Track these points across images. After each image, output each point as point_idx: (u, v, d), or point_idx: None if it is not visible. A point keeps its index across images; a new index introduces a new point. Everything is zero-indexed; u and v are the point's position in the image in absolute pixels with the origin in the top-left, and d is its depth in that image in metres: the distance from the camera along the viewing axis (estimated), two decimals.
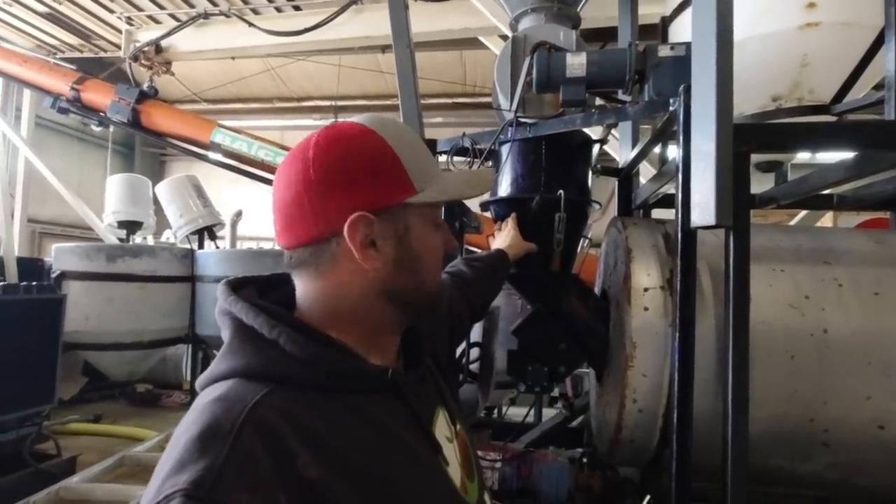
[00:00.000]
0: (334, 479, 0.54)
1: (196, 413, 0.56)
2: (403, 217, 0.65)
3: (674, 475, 1.31)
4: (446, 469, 0.67)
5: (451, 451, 0.70)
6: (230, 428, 0.52)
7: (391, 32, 2.12)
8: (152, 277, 3.53)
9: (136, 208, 4.34)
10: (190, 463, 0.50)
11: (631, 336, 1.43)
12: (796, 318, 1.39)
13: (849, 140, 1.40)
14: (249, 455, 0.51)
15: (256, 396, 0.56)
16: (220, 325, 0.65)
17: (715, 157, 1.24)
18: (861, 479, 1.39)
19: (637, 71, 1.54)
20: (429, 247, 0.67)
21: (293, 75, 8.64)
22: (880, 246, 1.54)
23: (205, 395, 0.59)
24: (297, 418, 0.56)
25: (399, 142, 0.66)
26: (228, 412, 0.54)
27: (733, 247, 1.32)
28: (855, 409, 1.34)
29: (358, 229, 0.63)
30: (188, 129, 3.55)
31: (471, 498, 0.70)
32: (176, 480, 0.49)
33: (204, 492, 0.48)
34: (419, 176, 0.65)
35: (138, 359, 3.66)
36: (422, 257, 0.66)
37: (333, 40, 3.94)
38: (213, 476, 0.49)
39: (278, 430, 0.54)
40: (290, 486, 0.52)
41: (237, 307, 0.63)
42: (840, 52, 1.56)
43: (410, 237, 0.65)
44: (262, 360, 0.60)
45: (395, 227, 0.64)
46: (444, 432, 0.72)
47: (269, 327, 0.61)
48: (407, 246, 0.65)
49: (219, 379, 0.61)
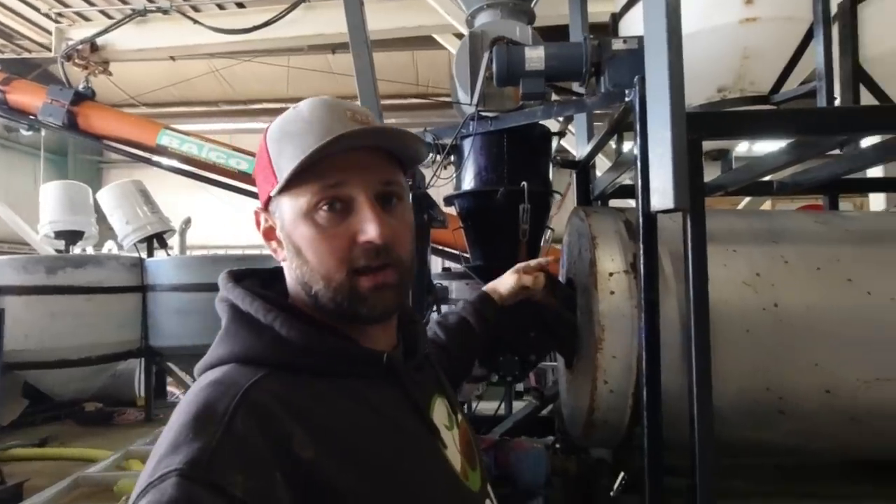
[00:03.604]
0: (330, 459, 0.54)
1: (191, 397, 0.56)
2: (279, 209, 0.65)
3: (646, 451, 1.37)
4: (444, 452, 0.67)
5: (450, 438, 0.70)
6: (224, 410, 0.53)
7: (347, 29, 2.10)
8: (99, 288, 3.33)
9: (75, 217, 4.08)
10: (184, 444, 0.50)
11: (599, 320, 1.48)
12: (750, 294, 1.47)
13: (789, 127, 1.50)
14: (244, 436, 0.51)
15: (251, 380, 0.56)
16: (219, 312, 0.66)
17: (671, 144, 1.30)
18: (814, 443, 1.49)
19: (593, 63, 1.59)
20: (303, 237, 0.63)
21: (240, 77, 8.39)
22: (821, 225, 1.65)
23: (201, 381, 0.59)
24: (291, 400, 0.56)
25: (279, 132, 0.65)
26: (223, 395, 0.54)
27: (691, 229, 1.39)
28: (804, 377, 1.43)
29: (259, 223, 0.69)
30: (132, 132, 3.37)
31: (473, 485, 0.70)
32: (171, 461, 0.49)
33: (199, 471, 0.48)
34: (283, 165, 0.63)
35: (87, 376, 3.45)
36: (300, 249, 0.63)
37: (283, 38, 3.84)
38: (208, 456, 0.49)
39: (273, 412, 0.54)
40: (286, 465, 0.52)
41: (234, 293, 0.64)
42: (777, 45, 1.67)
43: (286, 230, 0.65)
44: (257, 345, 0.60)
45: (277, 220, 0.66)
46: (443, 420, 0.72)
47: (264, 312, 0.62)
48: (287, 238, 0.65)
49: (215, 364, 0.61)
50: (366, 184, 0.63)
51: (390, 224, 0.63)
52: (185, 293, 3.34)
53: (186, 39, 3.85)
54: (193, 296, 3.33)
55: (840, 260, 1.51)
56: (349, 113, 0.64)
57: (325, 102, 0.66)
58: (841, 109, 1.42)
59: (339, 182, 0.62)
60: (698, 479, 1.32)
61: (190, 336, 3.34)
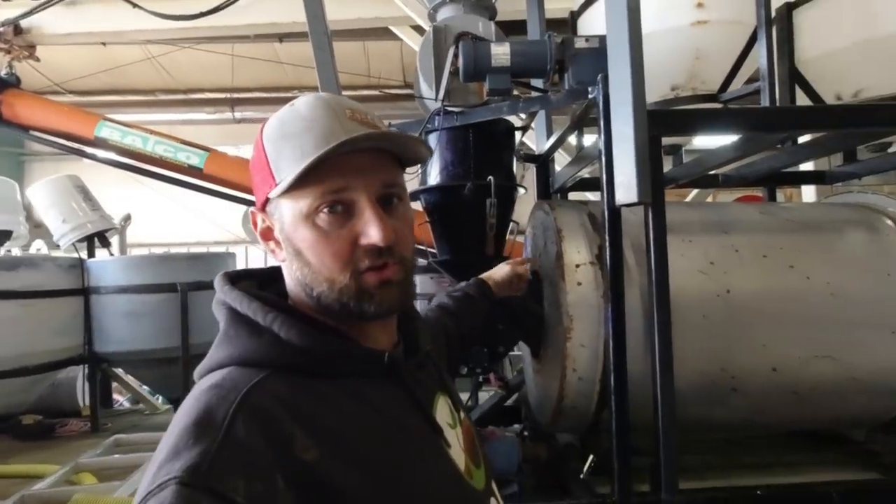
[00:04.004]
0: (333, 461, 0.54)
1: (191, 402, 0.55)
2: (278, 211, 0.64)
3: (614, 433, 1.44)
4: (448, 451, 0.67)
5: (453, 437, 0.70)
6: (225, 414, 0.52)
7: (307, 19, 2.05)
8: (35, 293, 3.10)
9: (1, 216, 3.76)
10: (184, 450, 0.49)
11: (568, 310, 1.53)
12: (705, 281, 1.57)
13: (740, 124, 1.60)
14: (245, 440, 0.51)
15: (251, 382, 0.56)
16: (217, 315, 0.65)
17: (633, 140, 1.36)
18: (763, 418, 1.62)
19: (557, 61, 1.63)
20: (305, 241, 0.62)
21: (179, 65, 7.94)
22: (765, 216, 1.78)
23: (200, 385, 0.58)
24: (293, 402, 0.56)
25: (277, 132, 0.64)
26: (223, 399, 0.54)
27: (652, 221, 1.46)
28: (754, 357, 1.55)
29: (256, 224, 0.69)
30: (67, 124, 3.13)
31: (477, 483, 0.69)
32: (171, 468, 0.48)
33: (199, 478, 0.47)
34: (282, 166, 0.62)
35: (24, 387, 3.19)
36: (301, 251, 0.62)
37: (233, 27, 3.68)
38: (208, 461, 0.48)
39: (274, 415, 0.54)
40: (287, 469, 0.51)
41: (231, 296, 0.63)
42: (725, 46, 1.78)
43: (285, 233, 0.64)
44: (256, 347, 0.60)
45: (275, 223, 0.65)
46: (446, 419, 0.71)
47: (263, 314, 0.61)
48: (285, 241, 0.64)
49: (214, 368, 0.60)
50: (368, 187, 0.62)
51: (393, 226, 0.62)
52: (136, 294, 3.15)
53: (123, 24, 3.59)
54: (144, 297, 3.15)
55: (783, 248, 1.64)
56: (348, 112, 0.63)
57: (323, 100, 0.64)
58: (785, 109, 1.53)
59: (341, 186, 0.61)
60: (663, 457, 1.41)
61: (142, 340, 3.15)
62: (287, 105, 0.65)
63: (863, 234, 1.71)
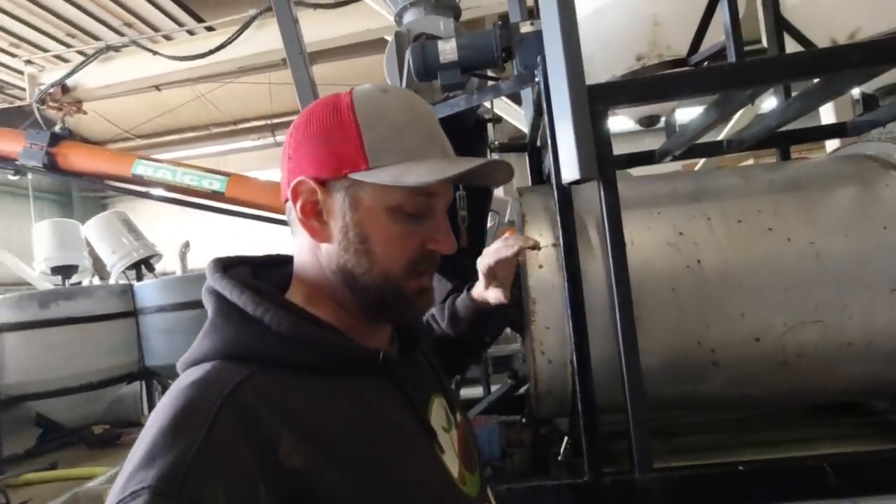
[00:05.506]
0: (321, 465, 0.51)
1: (170, 399, 0.51)
2: (352, 192, 0.59)
3: (581, 413, 1.42)
4: (441, 456, 0.63)
5: (447, 441, 0.66)
6: (206, 414, 0.48)
7: (283, 44, 2.18)
8: (90, 318, 3.47)
9: (67, 252, 4.24)
10: (160, 455, 0.45)
11: (530, 293, 1.53)
12: (673, 254, 1.52)
13: (696, 85, 1.53)
14: (226, 443, 0.47)
15: (237, 379, 0.52)
16: (205, 303, 0.61)
17: (571, 115, 1.35)
18: (750, 391, 1.53)
19: (504, 49, 1.63)
20: (381, 232, 0.59)
21: (224, 99, 8.52)
22: (744, 180, 1.69)
23: (182, 380, 0.54)
24: (280, 402, 0.52)
25: (375, 114, 0.60)
26: (205, 397, 0.50)
27: (604, 196, 1.43)
28: (733, 328, 1.47)
29: (299, 195, 0.60)
30: (107, 166, 3.48)
31: (470, 490, 0.66)
32: (144, 475, 0.44)
33: (174, 487, 0.43)
34: (381, 153, 0.58)
35: (89, 401, 3.60)
36: (369, 240, 0.59)
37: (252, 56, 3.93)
38: (184, 468, 0.44)
39: (259, 416, 0.50)
40: (270, 476, 0.48)
41: (221, 284, 0.60)
42: (684, 9, 1.70)
43: (357, 216, 0.59)
44: (244, 339, 0.56)
45: (342, 202, 0.60)
46: (441, 421, 0.68)
47: (253, 304, 0.57)
48: (353, 224, 0.59)
49: (198, 360, 0.56)
50: (446, 197, 0.64)
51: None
52: (171, 313, 3.46)
53: (148, 70, 3.95)
54: (178, 315, 3.45)
55: (761, 210, 1.55)
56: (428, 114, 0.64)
57: (408, 98, 0.63)
58: (739, 64, 1.45)
59: (433, 192, 0.62)
60: (633, 435, 1.37)
61: (177, 355, 3.45)
62: (371, 86, 0.63)
63: (854, 188, 1.58)
